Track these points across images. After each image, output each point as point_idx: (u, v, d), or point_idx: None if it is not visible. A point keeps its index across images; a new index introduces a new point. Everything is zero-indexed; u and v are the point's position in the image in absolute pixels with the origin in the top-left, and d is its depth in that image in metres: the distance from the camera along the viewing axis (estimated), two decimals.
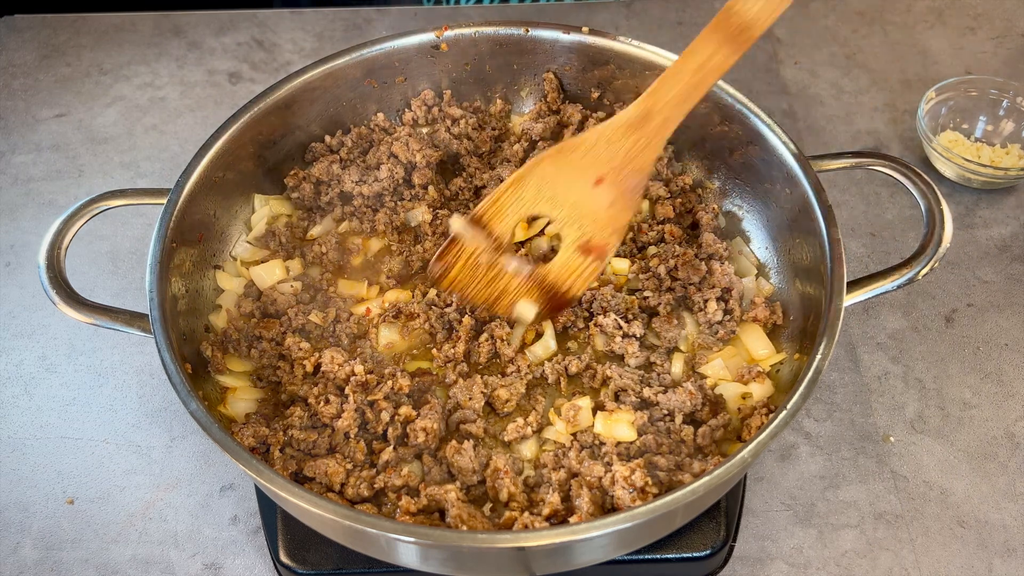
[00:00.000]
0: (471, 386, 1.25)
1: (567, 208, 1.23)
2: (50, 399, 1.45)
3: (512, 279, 1.25)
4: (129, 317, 1.18)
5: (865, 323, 1.51)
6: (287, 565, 1.21)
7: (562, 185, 1.22)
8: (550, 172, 1.23)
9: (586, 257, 1.23)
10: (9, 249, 1.64)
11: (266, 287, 1.37)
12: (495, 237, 1.25)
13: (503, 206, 1.24)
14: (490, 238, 1.25)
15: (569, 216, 1.23)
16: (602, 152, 1.21)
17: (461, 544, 1.00)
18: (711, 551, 1.22)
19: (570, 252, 1.24)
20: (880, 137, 1.78)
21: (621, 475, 1.12)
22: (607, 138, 1.21)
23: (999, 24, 1.97)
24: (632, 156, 1.21)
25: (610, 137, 1.21)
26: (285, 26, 2.00)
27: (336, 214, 1.47)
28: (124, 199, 1.27)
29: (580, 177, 1.22)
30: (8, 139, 1.81)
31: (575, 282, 1.25)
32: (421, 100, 1.53)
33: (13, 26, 2.01)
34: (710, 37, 1.18)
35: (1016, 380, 1.44)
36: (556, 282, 1.24)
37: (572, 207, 1.22)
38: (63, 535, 1.31)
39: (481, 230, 1.25)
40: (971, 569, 1.26)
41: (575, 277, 1.25)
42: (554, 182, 1.22)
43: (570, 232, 1.24)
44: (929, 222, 1.22)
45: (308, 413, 1.23)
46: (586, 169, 1.21)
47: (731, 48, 1.17)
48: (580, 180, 1.22)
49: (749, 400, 1.25)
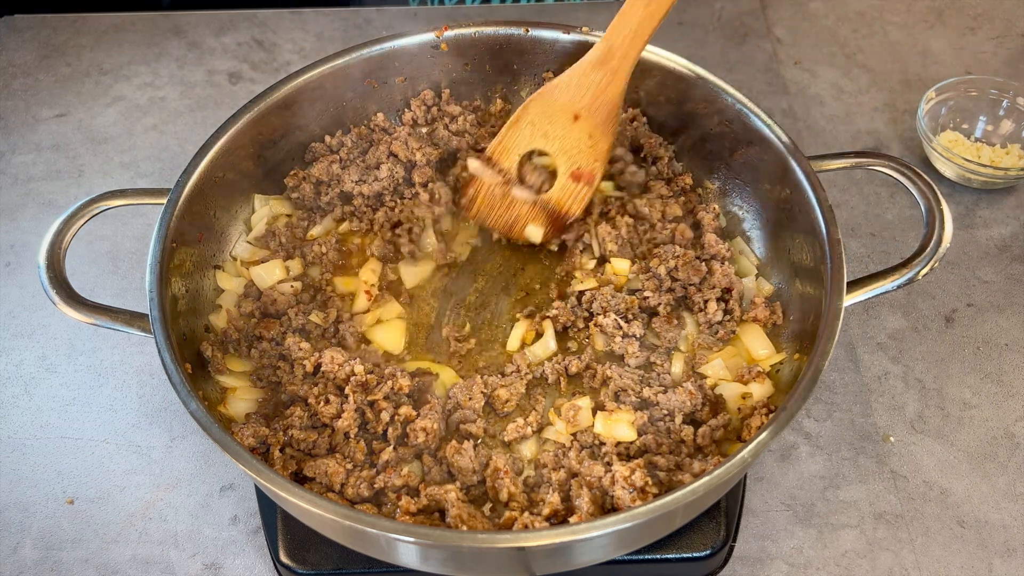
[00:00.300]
0: (471, 386, 1.26)
1: (557, 142, 1.39)
2: (50, 399, 1.45)
3: (522, 206, 1.41)
4: (129, 317, 1.18)
5: (865, 323, 1.51)
6: (287, 565, 1.21)
7: (548, 123, 1.39)
8: (537, 113, 1.39)
9: (577, 183, 1.39)
10: (9, 249, 1.64)
11: (266, 287, 1.37)
12: (504, 171, 1.41)
13: (507, 145, 1.41)
14: (501, 173, 1.41)
15: (559, 148, 1.39)
16: (575, 91, 1.36)
17: (461, 544, 1.00)
18: (711, 551, 1.22)
19: (564, 179, 1.40)
20: (880, 137, 1.78)
21: (621, 475, 1.12)
22: (577, 78, 1.36)
23: (999, 24, 1.97)
24: (600, 90, 1.35)
25: (579, 77, 1.36)
26: (285, 26, 2.00)
27: (336, 214, 1.47)
28: (124, 199, 1.27)
29: (561, 115, 1.38)
30: (8, 139, 1.81)
31: (572, 205, 1.40)
32: (421, 100, 1.53)
33: (13, 26, 2.01)
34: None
35: (1016, 380, 1.44)
36: (557, 206, 1.40)
37: (560, 140, 1.39)
38: (63, 535, 1.31)
39: (492, 167, 1.42)
40: (971, 569, 1.26)
41: (571, 200, 1.40)
42: (542, 121, 1.39)
43: (562, 162, 1.40)
44: (929, 222, 1.22)
45: (308, 413, 1.23)
46: (564, 107, 1.37)
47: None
48: (561, 117, 1.38)
49: (749, 400, 1.25)
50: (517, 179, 1.41)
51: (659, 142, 1.49)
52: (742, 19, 1.99)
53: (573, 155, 1.38)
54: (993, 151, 1.67)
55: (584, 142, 1.37)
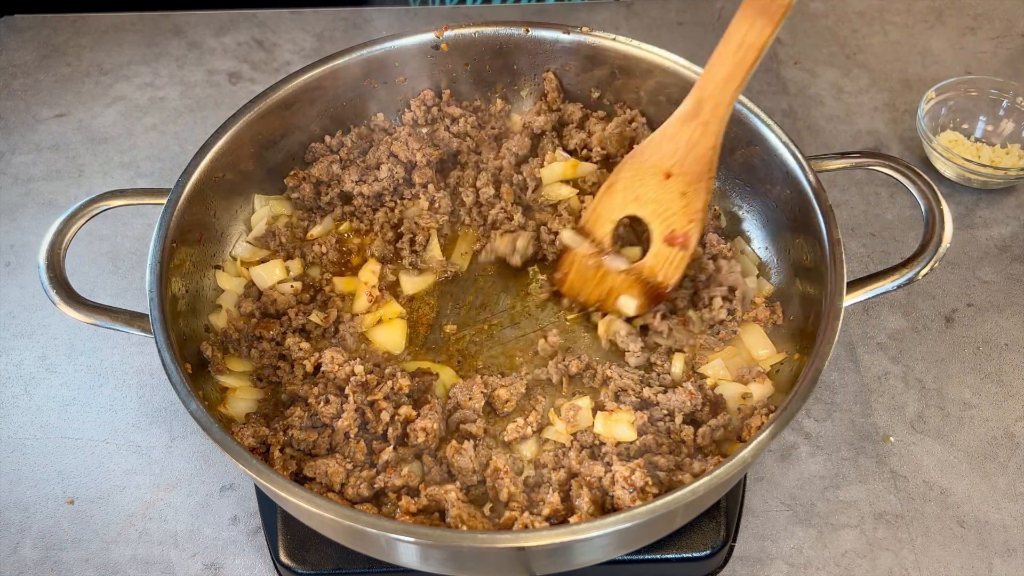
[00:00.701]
0: (471, 386, 1.26)
1: (650, 205, 1.32)
2: (50, 399, 1.45)
3: (616, 277, 1.34)
4: (129, 317, 1.18)
5: (865, 323, 1.51)
6: (287, 565, 1.21)
7: (640, 185, 1.31)
8: (630, 175, 1.32)
9: (672, 247, 1.31)
10: (9, 249, 1.64)
11: (266, 287, 1.37)
12: (597, 241, 1.35)
13: (600, 213, 1.35)
14: (594, 243, 1.35)
15: (652, 212, 1.32)
16: (666, 148, 1.29)
17: (461, 544, 1.00)
18: (711, 551, 1.22)
19: (659, 245, 1.32)
20: (880, 137, 1.78)
21: (621, 475, 1.12)
22: (668, 135, 1.28)
23: (999, 24, 1.97)
24: (692, 145, 1.27)
25: (670, 133, 1.28)
26: (285, 26, 2.00)
27: (336, 214, 1.47)
28: (124, 199, 1.27)
29: (652, 175, 1.30)
30: (8, 139, 1.81)
31: (668, 271, 1.32)
32: (421, 100, 1.53)
33: (13, 26, 2.01)
34: (744, 14, 1.22)
35: (1016, 380, 1.44)
36: (651, 274, 1.32)
37: (653, 203, 1.31)
38: (63, 535, 1.31)
39: (585, 237, 1.36)
40: (971, 569, 1.26)
41: (667, 267, 1.32)
42: (635, 184, 1.32)
43: (656, 226, 1.32)
44: (929, 222, 1.22)
45: (308, 413, 1.23)
46: (655, 167, 1.30)
47: (765, 20, 1.21)
48: (653, 177, 1.30)
49: (749, 400, 1.25)
50: (610, 249, 1.35)
51: None
52: None
53: (667, 217, 1.30)
54: (993, 151, 1.67)
55: (677, 202, 1.29)
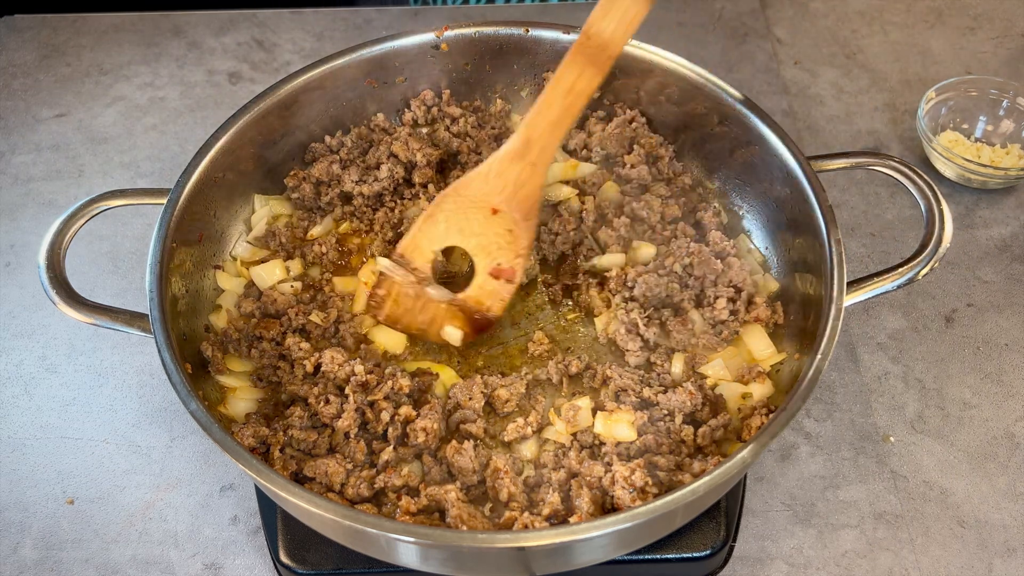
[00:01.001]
0: (471, 386, 1.26)
1: (474, 238, 1.30)
2: (50, 399, 1.45)
3: (438, 306, 1.32)
4: (129, 317, 1.18)
5: (865, 323, 1.51)
6: (287, 565, 1.21)
7: (465, 218, 1.29)
8: (453, 207, 1.29)
9: (498, 280, 1.30)
10: (9, 249, 1.64)
11: (266, 287, 1.37)
12: (417, 270, 1.32)
13: (419, 242, 1.32)
14: (414, 271, 1.32)
15: (477, 245, 1.30)
16: (494, 183, 1.27)
17: (461, 544, 1.00)
18: (711, 551, 1.22)
19: (484, 277, 1.31)
20: (880, 137, 1.78)
21: (621, 475, 1.12)
22: (496, 171, 1.27)
23: (999, 24, 1.97)
24: (520, 184, 1.26)
25: (498, 169, 1.27)
26: (285, 26, 2.00)
27: (336, 214, 1.47)
28: (124, 199, 1.27)
29: (478, 209, 1.28)
30: (8, 139, 1.81)
31: (493, 303, 1.32)
32: (421, 100, 1.53)
33: (13, 26, 2.01)
34: (574, 61, 1.22)
35: (1016, 380, 1.44)
36: (476, 305, 1.32)
37: (478, 237, 1.30)
38: (63, 535, 1.31)
39: (405, 266, 1.32)
40: (971, 569, 1.26)
41: (492, 299, 1.32)
42: (458, 216, 1.29)
43: (480, 259, 1.31)
44: (929, 222, 1.22)
45: (308, 413, 1.23)
46: (482, 201, 1.28)
47: (594, 70, 1.22)
48: (479, 212, 1.28)
49: (749, 400, 1.25)
50: (431, 278, 1.33)
51: (659, 142, 1.49)
52: (742, 19, 1.99)
53: (492, 251, 1.30)
54: (993, 151, 1.67)
55: (504, 237, 1.29)
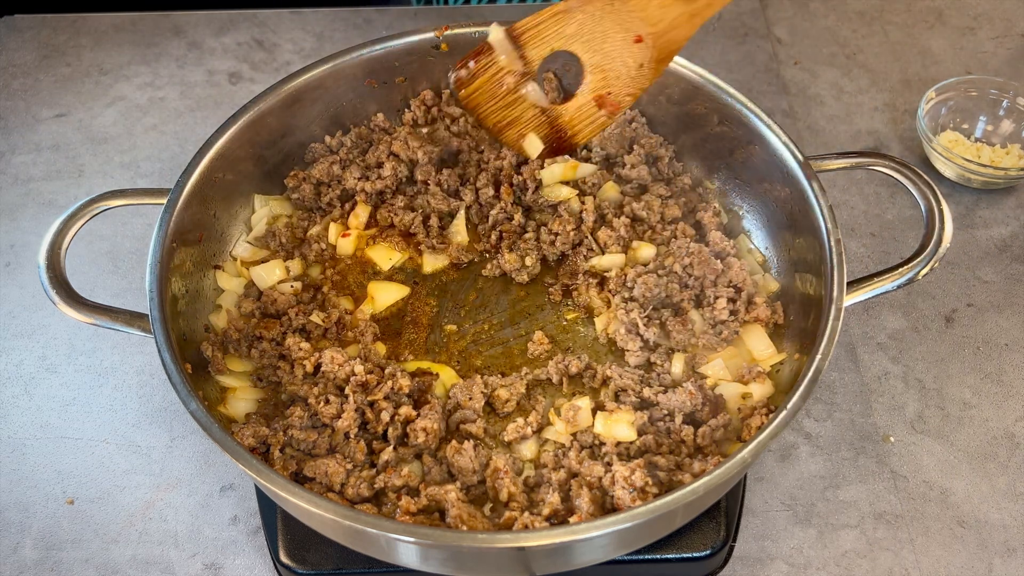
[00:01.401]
0: (471, 386, 1.26)
1: (599, 56, 1.20)
2: (50, 399, 1.45)
3: (527, 109, 1.24)
4: (129, 317, 1.18)
5: (865, 323, 1.51)
6: (287, 565, 1.21)
7: (602, 31, 1.19)
8: (597, 14, 1.19)
9: (599, 109, 1.22)
10: (9, 249, 1.64)
11: (266, 287, 1.37)
12: (526, 60, 1.22)
13: (542, 31, 1.21)
14: (521, 59, 1.22)
15: (597, 64, 1.21)
16: (653, 12, 1.17)
17: (461, 544, 1.00)
18: (711, 551, 1.22)
19: (586, 99, 1.23)
20: (880, 137, 1.78)
21: (621, 475, 1.12)
22: (660, 2, 1.17)
23: (999, 24, 1.97)
24: (675, 26, 1.18)
25: (662, 2, 1.17)
26: (285, 26, 2.00)
27: (336, 214, 1.47)
28: (124, 199, 1.27)
29: (623, 30, 1.19)
30: (8, 139, 1.81)
31: (583, 129, 1.24)
32: (421, 100, 1.53)
33: (13, 26, 2.01)
34: None
35: (1016, 380, 1.44)
36: (567, 125, 1.24)
37: (604, 56, 1.20)
38: (63, 535, 1.31)
39: (515, 48, 1.22)
40: (971, 569, 1.26)
41: (584, 125, 1.24)
42: (597, 25, 1.19)
43: (594, 79, 1.22)
44: (929, 222, 1.22)
45: (308, 413, 1.23)
46: (631, 24, 1.18)
47: None
48: (622, 33, 1.19)
49: (749, 400, 1.25)
50: (536, 75, 1.22)
51: (659, 142, 1.49)
52: (742, 19, 1.99)
53: (610, 78, 1.20)
54: (993, 151, 1.67)
55: (631, 70, 1.19)
